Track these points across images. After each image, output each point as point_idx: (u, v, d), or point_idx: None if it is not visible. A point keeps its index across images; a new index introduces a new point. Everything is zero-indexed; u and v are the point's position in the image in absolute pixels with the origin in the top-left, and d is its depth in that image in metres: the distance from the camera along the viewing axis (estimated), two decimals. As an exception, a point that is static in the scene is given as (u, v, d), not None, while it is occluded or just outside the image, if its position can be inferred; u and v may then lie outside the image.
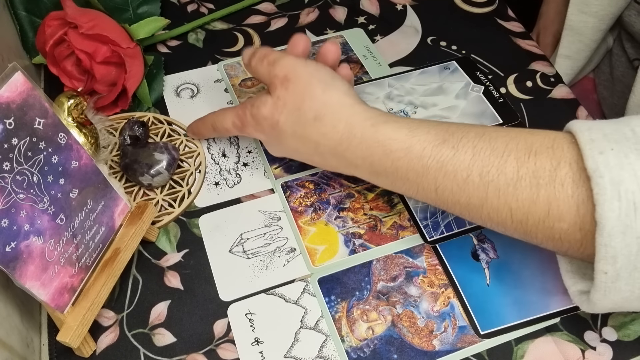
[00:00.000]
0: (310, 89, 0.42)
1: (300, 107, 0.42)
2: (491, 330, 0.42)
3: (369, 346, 0.41)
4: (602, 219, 0.31)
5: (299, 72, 0.43)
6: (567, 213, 0.34)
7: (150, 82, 0.56)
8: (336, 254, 0.46)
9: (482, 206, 0.37)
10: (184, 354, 0.41)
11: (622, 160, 0.31)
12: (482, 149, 0.37)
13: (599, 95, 0.73)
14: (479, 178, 0.36)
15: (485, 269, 0.45)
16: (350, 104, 0.42)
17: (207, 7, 0.64)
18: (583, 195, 0.33)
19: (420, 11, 0.64)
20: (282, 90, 0.43)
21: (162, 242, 0.47)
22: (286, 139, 0.44)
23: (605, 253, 0.32)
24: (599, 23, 0.63)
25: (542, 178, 0.34)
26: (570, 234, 0.34)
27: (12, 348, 0.39)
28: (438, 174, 0.38)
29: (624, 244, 0.31)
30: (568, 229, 0.34)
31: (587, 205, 0.33)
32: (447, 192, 0.38)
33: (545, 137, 0.36)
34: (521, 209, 0.35)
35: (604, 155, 0.32)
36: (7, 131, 0.33)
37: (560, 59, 0.67)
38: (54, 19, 0.51)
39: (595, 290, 0.34)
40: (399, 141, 0.39)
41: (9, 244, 0.34)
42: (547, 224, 0.35)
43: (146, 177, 0.48)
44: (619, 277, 0.32)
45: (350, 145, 0.41)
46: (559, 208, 0.34)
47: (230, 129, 0.47)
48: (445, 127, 0.39)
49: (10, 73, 0.33)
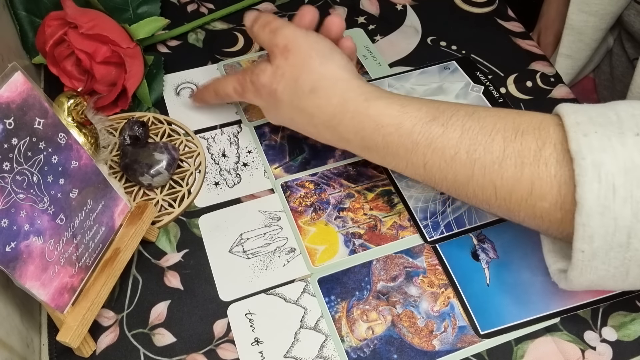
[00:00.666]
0: (309, 61, 0.43)
1: (298, 79, 0.43)
2: (491, 330, 0.42)
3: (369, 346, 0.41)
4: (582, 199, 0.32)
5: (299, 42, 0.43)
6: (549, 192, 0.35)
7: (150, 82, 0.56)
8: (336, 254, 0.46)
9: (468, 183, 0.38)
10: (184, 354, 0.41)
11: (604, 143, 0.32)
12: (471, 128, 0.38)
13: (599, 95, 0.73)
14: (466, 155, 0.37)
15: (485, 269, 0.45)
16: (346, 79, 0.43)
17: (207, 7, 0.64)
18: (565, 176, 0.34)
19: (420, 11, 0.64)
20: (281, 60, 0.44)
21: (162, 242, 0.47)
22: (283, 108, 0.45)
23: (583, 232, 0.33)
24: (600, 22, 0.63)
25: (527, 157, 0.35)
26: (551, 212, 0.35)
27: (12, 348, 0.39)
28: (427, 150, 0.39)
29: (601, 224, 0.32)
30: (549, 208, 0.35)
31: (569, 186, 0.34)
32: (435, 169, 0.39)
33: (533, 118, 0.37)
34: (505, 187, 0.36)
35: (587, 138, 0.33)
36: (7, 131, 0.33)
37: (561, 59, 0.67)
38: (54, 19, 0.51)
39: (573, 268, 0.35)
40: (390, 117, 0.40)
41: (8, 244, 0.34)
42: (530, 202, 0.36)
43: (146, 177, 0.48)
44: (595, 256, 0.33)
45: (344, 119, 0.42)
46: (542, 187, 0.35)
47: (232, 94, 0.49)
48: (436, 105, 0.40)
49: (10, 73, 0.33)
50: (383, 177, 0.50)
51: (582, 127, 0.33)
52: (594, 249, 0.33)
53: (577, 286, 0.36)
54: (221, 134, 0.54)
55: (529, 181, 0.35)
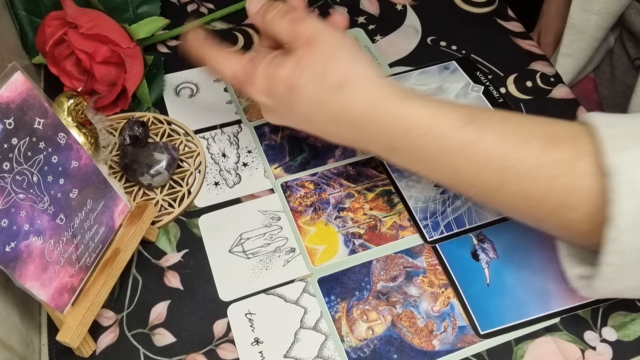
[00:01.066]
0: (339, 53, 0.40)
1: (325, 71, 0.39)
2: (491, 330, 0.42)
3: (369, 346, 0.41)
4: (615, 214, 0.32)
5: (327, 34, 0.40)
6: (582, 204, 0.34)
7: (150, 82, 0.56)
8: (336, 254, 0.46)
9: (498, 191, 0.37)
10: (184, 354, 0.41)
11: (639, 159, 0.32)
12: (505, 134, 0.37)
13: (600, 94, 0.73)
14: (499, 163, 0.36)
15: (485, 269, 0.45)
16: (376, 77, 0.40)
17: (207, 7, 0.64)
18: (599, 189, 0.33)
19: (420, 11, 0.64)
20: (306, 50, 0.40)
21: (162, 242, 0.47)
22: (300, 103, 0.40)
23: (613, 247, 0.33)
24: (601, 21, 0.63)
25: (562, 168, 0.35)
26: (582, 224, 0.35)
27: (12, 348, 0.39)
28: (458, 155, 0.37)
29: (633, 239, 0.32)
30: (579, 219, 0.35)
31: (602, 199, 0.33)
32: (465, 175, 0.38)
33: (568, 127, 0.36)
34: (538, 196, 0.36)
35: (622, 152, 0.33)
36: (7, 131, 0.33)
37: (562, 58, 0.67)
38: (54, 19, 0.51)
39: (599, 279, 0.34)
40: (421, 119, 0.38)
41: (8, 244, 0.34)
42: (561, 213, 0.36)
43: (146, 177, 0.48)
44: (624, 269, 0.33)
45: (372, 119, 0.39)
46: (575, 199, 0.35)
47: (227, 78, 0.43)
48: (468, 109, 0.39)
49: (10, 73, 0.33)
50: (383, 177, 0.50)
51: (617, 141, 0.33)
52: (624, 263, 0.33)
53: (599, 295, 0.36)
54: (221, 134, 0.54)
55: (562, 192, 0.35)
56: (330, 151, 0.52)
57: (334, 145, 0.53)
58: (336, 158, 0.52)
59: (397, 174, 0.50)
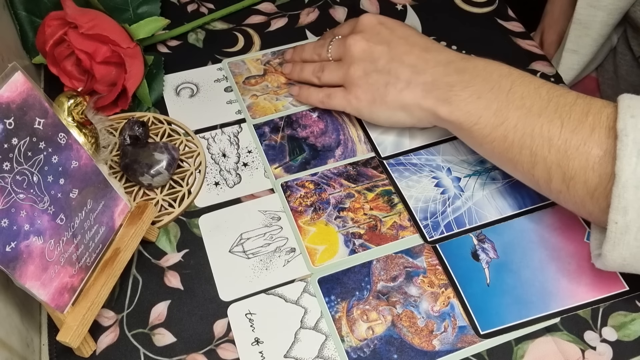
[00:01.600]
0: None
1: None
2: (491, 330, 0.42)
3: (369, 346, 0.41)
4: (619, 171, 0.35)
5: None
6: (598, 166, 0.37)
7: (150, 82, 0.56)
8: (336, 254, 0.46)
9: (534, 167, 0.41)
10: (184, 354, 0.42)
11: None
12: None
13: (602, 94, 0.73)
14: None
15: (485, 269, 0.45)
16: None
17: (207, 7, 0.64)
18: (612, 150, 0.37)
19: (420, 11, 0.64)
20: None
21: (162, 242, 0.47)
22: None
23: (618, 203, 0.35)
24: (608, 17, 0.63)
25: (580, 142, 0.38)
26: (597, 185, 0.38)
27: (12, 348, 0.39)
28: None
29: (636, 197, 0.35)
30: (599, 183, 0.38)
31: (612, 159, 0.36)
32: None
33: (602, 103, 0.40)
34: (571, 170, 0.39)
35: (634, 119, 0.35)
36: (7, 131, 0.33)
37: (567, 54, 0.67)
38: (54, 19, 0.51)
39: (606, 241, 0.37)
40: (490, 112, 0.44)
41: (9, 244, 0.34)
42: (580, 179, 0.38)
43: (146, 177, 0.48)
44: (628, 229, 0.35)
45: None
46: (593, 163, 0.38)
47: (314, 104, 0.55)
48: None
49: (10, 73, 0.33)
50: (383, 177, 0.50)
51: (632, 110, 0.36)
52: (627, 222, 0.35)
53: (610, 263, 0.38)
54: (221, 134, 0.54)
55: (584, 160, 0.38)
56: (330, 151, 0.52)
57: (334, 145, 0.53)
58: (336, 158, 0.52)
59: (397, 174, 0.50)
